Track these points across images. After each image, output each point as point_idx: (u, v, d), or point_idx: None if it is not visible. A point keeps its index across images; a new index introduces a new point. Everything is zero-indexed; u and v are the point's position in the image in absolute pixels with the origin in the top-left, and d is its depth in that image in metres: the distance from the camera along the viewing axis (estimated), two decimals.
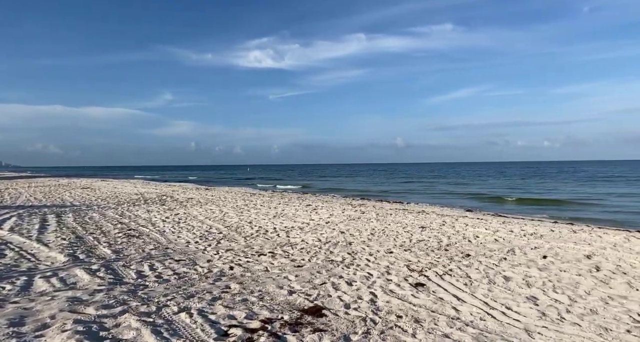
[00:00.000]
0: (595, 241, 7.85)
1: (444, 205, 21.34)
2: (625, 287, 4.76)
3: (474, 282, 4.99)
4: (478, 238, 8.03)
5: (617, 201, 21.98)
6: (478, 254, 6.57)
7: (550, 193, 26.94)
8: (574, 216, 16.59)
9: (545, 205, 20.57)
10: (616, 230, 11.31)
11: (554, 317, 3.85)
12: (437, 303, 4.22)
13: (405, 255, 6.49)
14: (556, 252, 6.68)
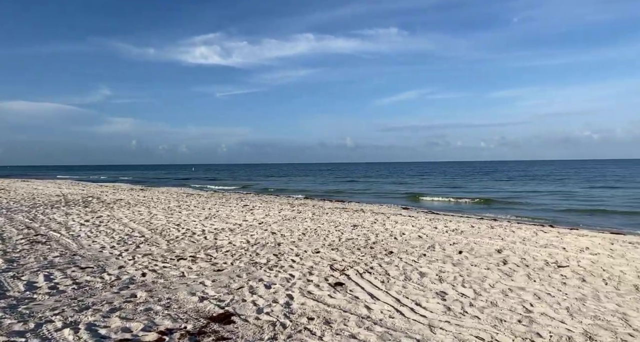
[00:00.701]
0: (508, 235, 8.48)
1: (383, 204, 22.05)
2: (525, 279, 5.15)
3: (391, 279, 5.11)
4: (404, 235, 8.31)
5: (542, 198, 24.10)
6: (400, 251, 6.77)
7: (484, 192, 28.81)
8: (501, 213, 17.92)
9: (479, 203, 21.83)
10: (530, 225, 12.36)
11: (458, 311, 4.03)
12: (351, 302, 4.24)
13: (332, 254, 6.51)
14: (472, 247, 7.10)
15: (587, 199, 22.47)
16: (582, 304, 4.27)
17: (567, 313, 4.00)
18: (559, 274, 5.41)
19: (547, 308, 4.12)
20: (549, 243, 7.56)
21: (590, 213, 16.76)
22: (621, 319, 3.86)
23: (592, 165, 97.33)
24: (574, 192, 26.90)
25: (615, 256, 6.48)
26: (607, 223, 14.05)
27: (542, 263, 5.97)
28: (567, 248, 7.09)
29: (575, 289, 4.75)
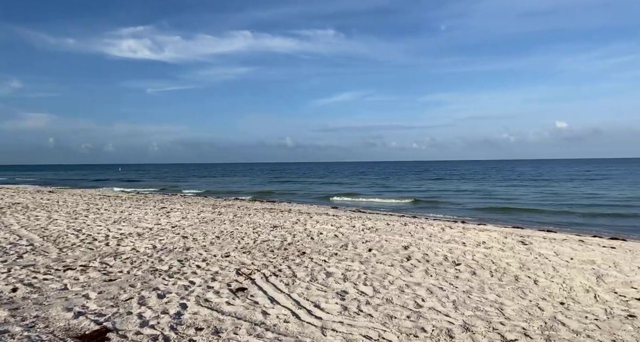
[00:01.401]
0: (417, 232, 8.96)
1: (313, 204, 22.23)
2: (423, 275, 5.42)
3: (297, 281, 5.05)
4: (321, 235, 8.38)
5: (464, 196, 25.99)
6: (314, 251, 6.79)
7: (413, 191, 30.29)
8: (424, 211, 19.00)
9: (407, 203, 22.84)
10: (444, 221, 13.23)
11: (353, 311, 4.08)
12: (249, 308, 4.09)
13: (243, 258, 6.30)
14: (382, 245, 7.36)
15: (502, 196, 24.66)
16: (468, 296, 4.58)
17: (453, 306, 4.25)
18: (454, 268, 5.79)
19: (436, 302, 4.35)
20: (452, 239, 8.12)
21: (503, 210, 18.32)
22: (497, 309, 4.20)
23: (509, 165, 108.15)
24: (493, 190, 29.50)
25: (506, 249, 7.14)
26: (512, 219, 15.57)
27: (441, 258, 6.36)
28: (467, 243, 7.67)
29: (464, 282, 5.10)
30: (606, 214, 16.28)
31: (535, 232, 11.03)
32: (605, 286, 5.04)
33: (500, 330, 3.66)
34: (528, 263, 6.14)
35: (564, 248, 7.39)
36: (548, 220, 15.24)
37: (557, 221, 15.03)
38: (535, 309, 4.19)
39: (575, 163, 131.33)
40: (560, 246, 7.65)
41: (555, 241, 8.62)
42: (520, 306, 4.28)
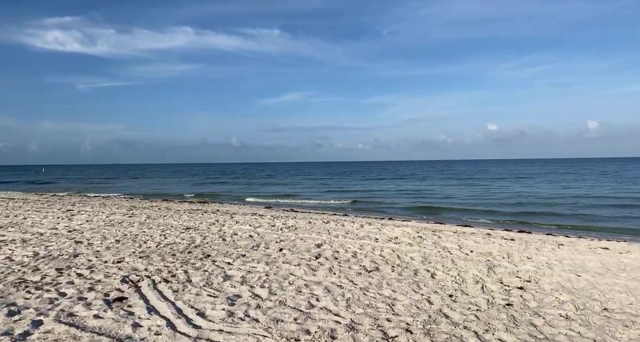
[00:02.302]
0: (336, 230, 8.96)
1: (247, 204, 21.62)
2: (326, 273, 5.32)
3: (188, 286, 4.66)
4: (236, 235, 8.01)
5: (402, 195, 26.83)
6: (220, 253, 6.41)
7: (355, 191, 30.55)
8: (357, 210, 19.26)
9: (346, 203, 22.80)
10: (368, 219, 13.47)
11: (239, 317, 3.81)
12: (119, 321, 3.63)
13: (137, 263, 5.73)
14: (295, 244, 7.19)
15: (438, 195, 25.67)
16: (364, 293, 4.54)
17: (346, 304, 4.17)
18: (359, 265, 5.78)
19: (329, 302, 4.23)
20: (367, 235, 8.21)
21: (435, 209, 18.76)
22: (389, 305, 4.19)
23: (448, 165, 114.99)
24: (430, 189, 30.81)
25: (413, 244, 7.34)
26: (442, 217, 16.30)
27: (350, 255, 6.33)
28: (380, 239, 7.79)
29: (365, 279, 5.08)
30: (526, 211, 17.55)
31: (452, 227, 11.63)
32: (494, 277, 5.32)
33: (384, 327, 3.62)
34: (431, 257, 6.34)
35: (468, 241, 7.79)
36: (473, 216, 16.23)
37: (482, 217, 16.07)
38: (424, 303, 4.25)
39: (504, 163, 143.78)
40: (465, 239, 8.07)
41: (464, 234, 9.11)
42: (411, 301, 4.31)
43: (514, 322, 3.78)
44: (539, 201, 21.04)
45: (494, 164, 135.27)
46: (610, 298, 4.47)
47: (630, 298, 4.47)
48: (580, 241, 9.48)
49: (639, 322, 3.76)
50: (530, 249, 7.21)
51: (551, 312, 4.03)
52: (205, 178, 54.85)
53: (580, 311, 4.08)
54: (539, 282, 5.06)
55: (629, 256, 6.91)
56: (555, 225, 13.77)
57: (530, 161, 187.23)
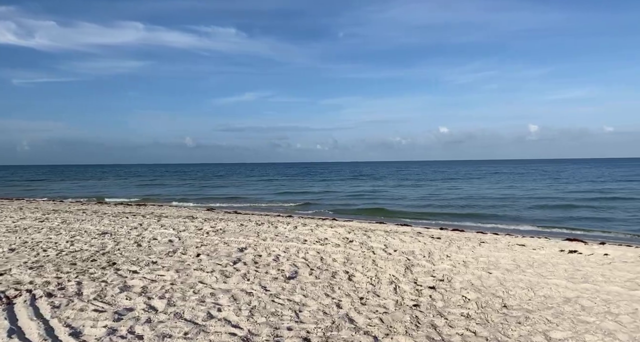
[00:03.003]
0: (267, 232, 8.68)
1: (185, 207, 20.60)
2: (239, 280, 5.02)
3: (75, 300, 4.14)
4: (154, 240, 7.45)
5: (354, 195, 26.91)
6: (129, 260, 5.88)
7: (309, 192, 30.07)
8: (306, 211, 19.05)
9: (296, 206, 22.40)
10: (310, 219, 13.32)
11: (121, 334, 3.40)
12: None
13: (24, 275, 5.06)
14: (216, 248, 6.81)
15: (389, 196, 25.97)
16: (273, 300, 4.31)
17: (249, 313, 3.90)
18: (278, 269, 5.55)
19: (232, 311, 3.94)
20: (296, 237, 8.02)
21: (382, 211, 18.90)
22: (295, 312, 3.99)
23: (402, 166, 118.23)
24: (382, 190, 31.24)
25: (341, 245, 7.25)
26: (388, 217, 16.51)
27: (272, 259, 6.09)
28: (308, 240, 7.63)
29: (279, 284, 4.85)
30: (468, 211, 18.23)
31: (389, 227, 11.79)
32: (409, 277, 5.32)
33: (282, 337, 3.40)
34: (354, 258, 6.26)
35: (395, 241, 7.86)
36: (418, 215, 16.62)
37: (426, 216, 16.51)
38: (332, 308, 4.10)
39: (455, 164, 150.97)
40: (393, 238, 8.14)
41: (396, 233, 9.21)
42: (320, 306, 4.15)
43: (416, 324, 3.73)
44: (482, 200, 21.99)
45: (445, 165, 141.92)
46: (512, 294, 4.61)
47: (530, 294, 4.64)
48: (505, 238, 9.97)
49: (532, 318, 3.87)
50: (452, 247, 7.40)
51: (454, 312, 4.05)
52: (153, 180, 52.06)
53: (482, 309, 4.14)
54: (452, 281, 5.13)
55: (540, 251, 7.32)
56: (492, 223, 14.47)
57: (479, 162, 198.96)
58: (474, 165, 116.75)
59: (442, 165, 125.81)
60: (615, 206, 18.56)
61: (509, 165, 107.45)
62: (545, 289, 4.77)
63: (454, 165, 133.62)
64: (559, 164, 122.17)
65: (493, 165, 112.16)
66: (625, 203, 19.67)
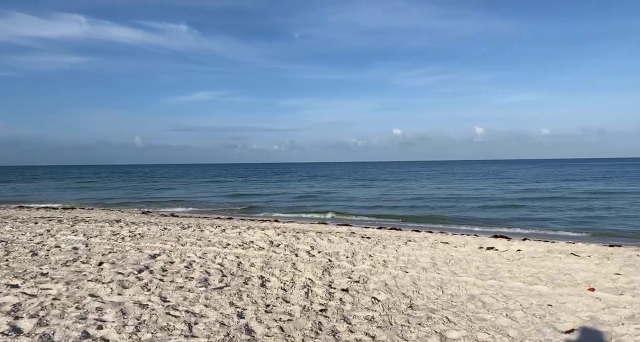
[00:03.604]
0: (190, 236, 8.18)
1: (118, 210, 19.21)
2: (138, 290, 4.56)
3: None
4: (57, 248, 6.66)
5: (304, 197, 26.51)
6: (12, 272, 5.13)
7: (259, 194, 29.04)
8: (246, 214, 18.46)
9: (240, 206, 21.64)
10: (253, 222, 12.88)
11: None
12: None
13: None
14: (125, 255, 6.23)
15: (343, 197, 25.80)
16: (169, 312, 3.92)
17: (135, 329, 3.49)
18: (188, 276, 5.15)
19: (113, 329, 3.51)
20: (220, 241, 7.62)
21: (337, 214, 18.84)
22: (189, 325, 3.64)
23: (357, 167, 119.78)
24: (336, 190, 31.18)
25: (265, 248, 6.98)
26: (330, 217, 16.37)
27: (183, 266, 5.66)
28: (232, 244, 7.27)
29: (182, 293, 4.46)
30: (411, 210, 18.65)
31: (326, 227, 11.71)
32: (326, 279, 5.18)
33: None
34: (274, 261, 6.02)
35: (322, 241, 7.74)
36: (363, 216, 16.71)
37: (370, 217, 16.65)
38: (232, 318, 3.81)
39: (408, 165, 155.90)
40: (321, 239, 8.02)
41: (328, 234, 9.12)
42: (219, 317, 3.84)
43: (317, 331, 3.56)
44: (430, 201, 22.56)
45: (399, 165, 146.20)
46: (422, 294, 4.61)
47: (439, 292, 4.67)
48: (435, 236, 10.27)
49: (433, 318, 3.86)
50: (378, 246, 7.42)
51: (360, 315, 3.95)
52: (94, 181, 48.25)
53: (387, 311, 4.08)
54: (367, 282, 5.06)
55: (461, 249, 7.55)
56: (431, 222, 14.91)
57: (430, 163, 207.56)
58: (426, 166, 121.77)
59: (395, 166, 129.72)
60: (548, 204, 19.85)
61: (457, 166, 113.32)
62: (453, 287, 4.84)
63: (407, 165, 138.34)
64: (501, 164, 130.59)
65: (443, 166, 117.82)
66: (556, 202, 20.94)
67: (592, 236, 12.07)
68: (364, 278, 5.22)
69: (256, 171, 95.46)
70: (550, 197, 23.12)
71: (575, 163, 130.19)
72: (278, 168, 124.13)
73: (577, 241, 10.12)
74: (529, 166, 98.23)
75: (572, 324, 3.67)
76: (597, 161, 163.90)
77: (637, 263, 6.06)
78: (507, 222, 14.74)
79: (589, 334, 3.48)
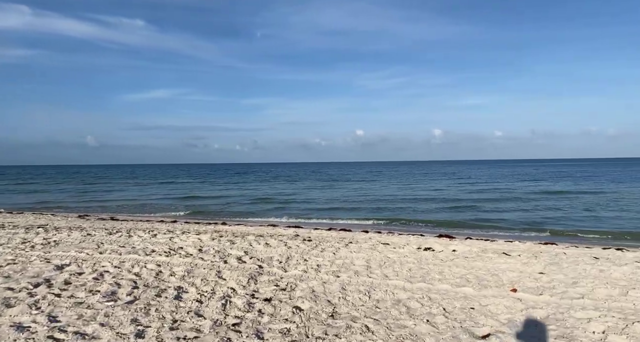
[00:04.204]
0: (113, 242, 7.49)
1: (57, 214, 17.70)
2: (21, 309, 3.97)
3: None
4: None
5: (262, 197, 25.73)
6: None
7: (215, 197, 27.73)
8: (192, 217, 17.60)
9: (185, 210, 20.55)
10: (198, 225, 12.22)
11: None
12: None
13: None
14: (25, 266, 5.52)
15: (300, 198, 25.26)
16: (52, 334, 3.41)
17: None
18: (91, 290, 4.60)
19: None
20: (145, 247, 7.02)
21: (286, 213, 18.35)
22: None
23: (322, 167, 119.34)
24: (295, 192, 30.46)
25: (193, 254, 6.49)
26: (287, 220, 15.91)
27: (92, 277, 5.07)
28: (156, 251, 6.70)
29: (78, 311, 3.92)
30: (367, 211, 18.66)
31: (274, 230, 11.33)
32: (250, 288, 4.82)
33: None
34: (198, 269, 5.55)
35: (259, 246, 7.36)
36: (319, 218, 16.42)
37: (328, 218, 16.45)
38: (128, 339, 3.37)
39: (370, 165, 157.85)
40: (258, 243, 7.64)
41: (270, 237, 8.76)
42: (113, 337, 3.38)
43: None
44: (386, 201, 22.64)
45: (361, 166, 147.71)
46: (348, 301, 4.40)
47: (365, 298, 4.48)
48: (379, 236, 10.20)
49: (353, 328, 3.63)
50: (317, 249, 7.17)
51: (275, 328, 3.65)
52: (34, 183, 44.39)
53: (306, 321, 3.81)
54: (295, 289, 4.77)
55: (399, 250, 7.48)
56: (384, 223, 14.91)
57: (392, 163, 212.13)
58: (387, 167, 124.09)
59: (358, 167, 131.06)
60: (498, 204, 20.46)
61: (417, 167, 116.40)
62: (381, 292, 4.67)
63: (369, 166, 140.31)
64: (458, 165, 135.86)
65: (403, 166, 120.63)
66: (506, 201, 21.68)
67: (533, 235, 12.56)
68: (292, 285, 4.93)
69: (217, 171, 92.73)
70: (500, 197, 24.03)
71: (525, 164, 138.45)
72: (240, 168, 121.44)
73: (515, 240, 10.48)
74: (483, 167, 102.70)
75: (489, 329, 3.59)
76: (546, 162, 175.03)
77: (561, 261, 6.25)
78: (456, 222, 15.05)
79: (505, 338, 3.40)
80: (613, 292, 4.43)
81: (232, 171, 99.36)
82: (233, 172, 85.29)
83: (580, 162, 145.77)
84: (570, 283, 4.88)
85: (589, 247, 9.41)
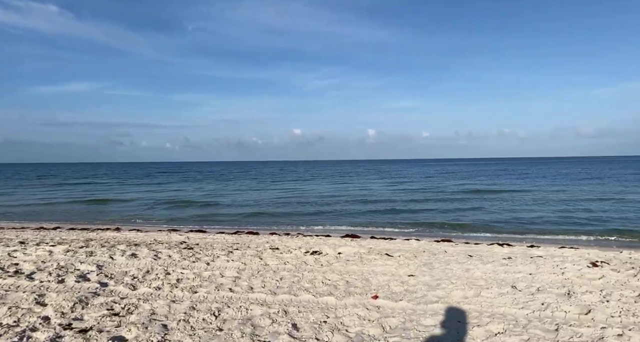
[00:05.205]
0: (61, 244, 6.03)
1: None
2: None
3: None
4: None
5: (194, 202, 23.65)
6: None
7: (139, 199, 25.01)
8: (92, 218, 15.58)
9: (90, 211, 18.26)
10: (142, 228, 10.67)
11: None
12: None
13: None
14: None
15: (226, 199, 23.64)
16: None
17: None
18: None
19: None
20: None
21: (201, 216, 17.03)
22: None
23: (257, 166, 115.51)
24: (222, 193, 28.45)
25: (22, 273, 5.38)
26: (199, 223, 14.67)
27: None
28: None
29: None
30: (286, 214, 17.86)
31: (163, 236, 10.28)
32: (71, 315, 3.96)
33: None
34: (15, 293, 4.50)
35: (122, 258, 6.40)
36: (235, 221, 15.36)
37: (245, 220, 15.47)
38: None
39: (306, 164, 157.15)
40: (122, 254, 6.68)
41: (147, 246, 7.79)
42: None
43: None
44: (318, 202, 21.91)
45: (297, 165, 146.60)
46: (189, 323, 3.76)
47: (211, 318, 3.88)
48: (277, 239, 9.69)
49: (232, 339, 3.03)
50: (189, 260, 6.39)
51: None
52: None
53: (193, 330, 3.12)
54: (132, 313, 4.01)
55: (284, 255, 7.00)
56: (305, 225, 14.31)
57: (328, 162, 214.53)
58: (323, 166, 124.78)
59: (294, 165, 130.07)
60: (420, 203, 20.75)
61: (352, 165, 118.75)
62: (233, 310, 4.12)
63: (306, 165, 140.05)
64: (390, 164, 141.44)
65: (338, 166, 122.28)
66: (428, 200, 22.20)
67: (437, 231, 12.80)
68: (130, 308, 4.17)
69: (141, 170, 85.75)
70: (423, 198, 24.41)
71: (450, 163, 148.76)
72: (168, 167, 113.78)
73: (412, 238, 10.65)
74: (413, 165, 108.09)
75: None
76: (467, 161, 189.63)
77: (435, 261, 6.27)
78: (371, 221, 15.04)
79: None
80: (469, 293, 4.39)
81: (159, 169, 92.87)
82: (157, 171, 79.39)
83: (497, 161, 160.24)
84: (433, 285, 4.79)
85: (477, 243, 9.71)
